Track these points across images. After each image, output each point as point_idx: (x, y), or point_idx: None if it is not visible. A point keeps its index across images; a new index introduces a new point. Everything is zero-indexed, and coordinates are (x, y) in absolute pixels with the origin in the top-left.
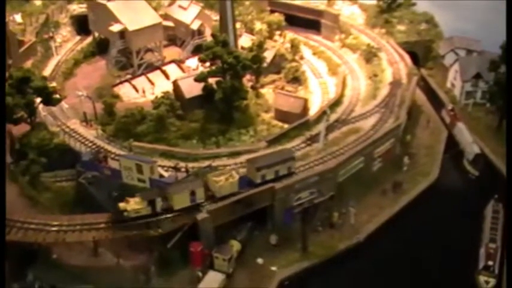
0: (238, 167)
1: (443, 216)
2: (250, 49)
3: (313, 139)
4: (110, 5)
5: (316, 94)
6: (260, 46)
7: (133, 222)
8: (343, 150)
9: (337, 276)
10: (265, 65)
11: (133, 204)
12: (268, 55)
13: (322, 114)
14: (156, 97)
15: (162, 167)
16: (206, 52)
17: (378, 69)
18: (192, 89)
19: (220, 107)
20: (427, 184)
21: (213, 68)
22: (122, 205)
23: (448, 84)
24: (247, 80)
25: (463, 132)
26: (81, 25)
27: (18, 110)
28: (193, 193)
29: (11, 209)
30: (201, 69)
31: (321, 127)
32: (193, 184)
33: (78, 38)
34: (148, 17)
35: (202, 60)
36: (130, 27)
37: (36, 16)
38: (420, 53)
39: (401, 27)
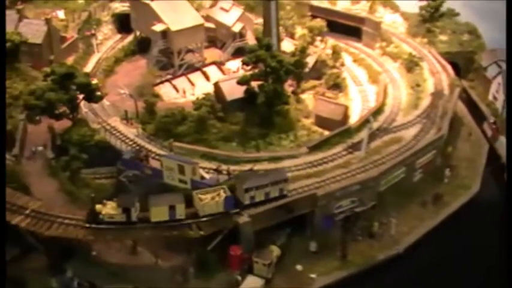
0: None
1: (484, 230)
2: (293, 54)
3: (355, 147)
4: (153, 4)
5: (356, 101)
6: (303, 51)
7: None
8: (385, 159)
9: (375, 287)
10: (306, 70)
11: (109, 209)
12: (310, 61)
13: (365, 122)
14: (197, 98)
15: (203, 168)
16: (250, 55)
17: (420, 78)
18: (233, 91)
19: (261, 111)
20: (468, 197)
21: (256, 71)
22: (98, 207)
23: (490, 97)
24: (288, 85)
25: (505, 146)
26: (122, 23)
27: (60, 106)
28: (172, 208)
29: (51, 204)
30: (241, 72)
31: (363, 135)
32: (174, 199)
33: (119, 36)
34: (190, 18)
35: (245, 63)
36: (173, 28)
37: (78, 13)
38: (462, 64)
39: (443, 37)
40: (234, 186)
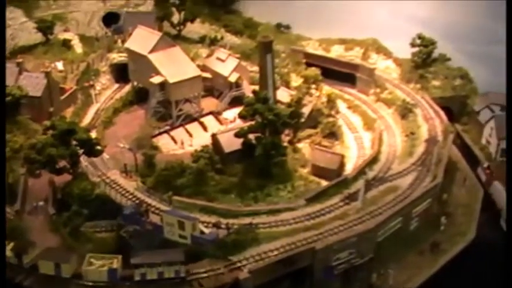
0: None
1: (482, 276)
2: (289, 105)
3: (352, 197)
4: (151, 56)
5: (352, 149)
6: (298, 102)
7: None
8: (382, 210)
9: None
10: (302, 120)
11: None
12: (306, 110)
13: (361, 171)
14: (196, 150)
15: (203, 223)
16: (247, 108)
17: (414, 125)
18: (231, 143)
19: (259, 163)
20: (464, 244)
21: (253, 123)
22: None
23: (484, 141)
24: (285, 135)
25: (500, 192)
26: (119, 73)
27: (61, 161)
28: (58, 265)
29: None
30: (238, 121)
31: (359, 185)
32: (60, 257)
33: (116, 85)
34: (188, 69)
35: (242, 116)
36: (171, 80)
37: (77, 64)
38: (455, 108)
39: (436, 83)
40: None
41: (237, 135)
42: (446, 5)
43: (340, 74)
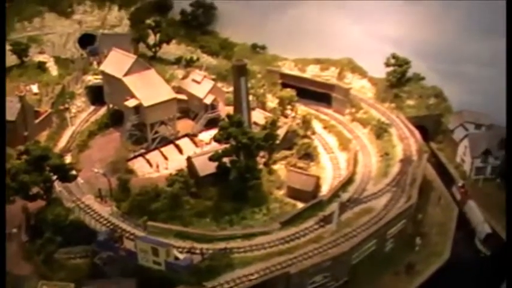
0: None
1: None
2: (264, 127)
3: (327, 220)
4: (125, 79)
5: (328, 169)
6: (273, 124)
7: None
8: (357, 232)
9: None
10: (277, 142)
11: None
12: (281, 132)
13: (336, 193)
14: (171, 174)
15: (177, 248)
16: (221, 132)
17: (389, 144)
18: (206, 166)
19: (234, 186)
20: (439, 264)
21: (228, 147)
22: None
23: (458, 159)
24: (260, 157)
25: (474, 211)
26: (95, 95)
27: (34, 187)
28: None
29: None
30: (214, 144)
31: (334, 207)
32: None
33: (92, 107)
34: (163, 92)
35: (217, 140)
36: (145, 103)
37: (52, 86)
38: (430, 127)
39: (410, 102)
40: None
41: (211, 159)
42: (418, 24)
43: (316, 93)
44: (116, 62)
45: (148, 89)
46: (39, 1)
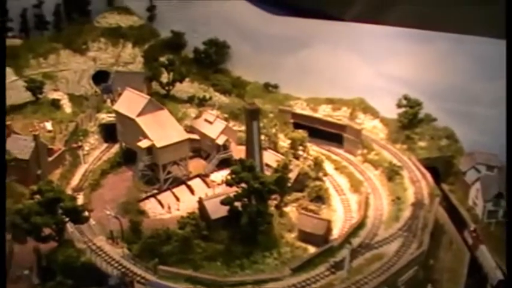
0: None
1: None
2: (276, 170)
3: (337, 266)
4: (138, 120)
5: (339, 212)
6: (285, 167)
7: None
8: (368, 279)
9: None
10: (289, 184)
11: None
12: (292, 175)
13: (347, 239)
14: (182, 217)
15: None
16: (233, 176)
17: (400, 187)
18: (217, 209)
19: (245, 230)
20: None
21: (239, 191)
22: None
23: (470, 202)
24: (272, 199)
25: (486, 256)
26: (108, 133)
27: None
28: None
29: None
30: (225, 185)
31: (345, 254)
32: None
33: (105, 145)
34: (175, 133)
35: (228, 184)
36: (158, 144)
37: (65, 124)
38: (441, 169)
39: (422, 143)
40: None
41: (223, 202)
42: (428, 64)
43: (328, 133)
44: (130, 102)
45: (161, 130)
46: (54, 38)
